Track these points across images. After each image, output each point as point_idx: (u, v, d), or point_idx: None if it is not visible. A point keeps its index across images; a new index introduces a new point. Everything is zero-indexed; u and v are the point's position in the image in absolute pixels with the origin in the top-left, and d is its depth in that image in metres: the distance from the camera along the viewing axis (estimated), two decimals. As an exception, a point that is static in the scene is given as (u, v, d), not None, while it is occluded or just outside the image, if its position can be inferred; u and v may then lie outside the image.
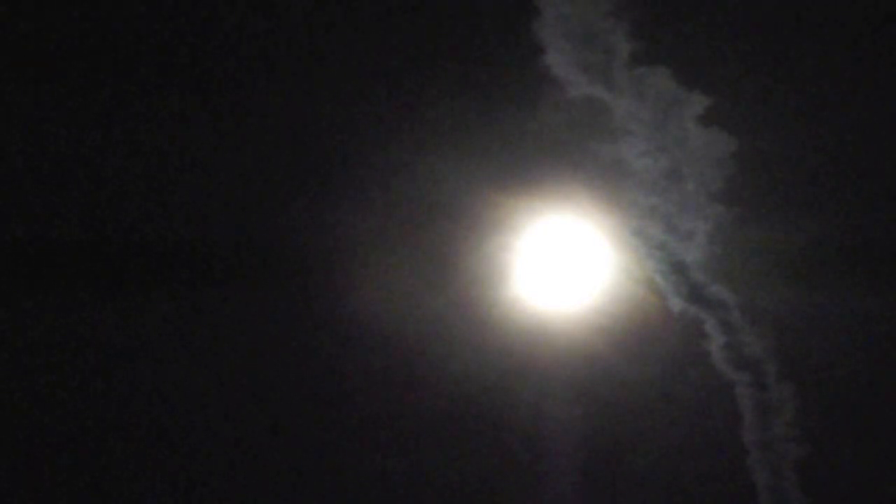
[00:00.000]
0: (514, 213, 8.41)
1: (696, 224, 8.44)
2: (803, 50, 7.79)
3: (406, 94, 8.04)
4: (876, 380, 9.18)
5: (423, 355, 8.97)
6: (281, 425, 9.40)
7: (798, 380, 9.11)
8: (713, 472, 9.52)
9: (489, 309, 8.82)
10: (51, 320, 8.88)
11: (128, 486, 9.44)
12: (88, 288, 8.71)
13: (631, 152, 8.15)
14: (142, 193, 8.42)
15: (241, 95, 8.10)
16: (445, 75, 7.97)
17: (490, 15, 7.75)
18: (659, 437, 9.46)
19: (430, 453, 9.44)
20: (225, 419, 9.39)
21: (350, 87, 8.07)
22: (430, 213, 8.47)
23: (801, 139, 8.16)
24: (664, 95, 7.86)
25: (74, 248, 8.59)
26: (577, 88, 7.86)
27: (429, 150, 8.17)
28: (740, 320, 8.87)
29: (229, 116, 8.16)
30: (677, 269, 8.67)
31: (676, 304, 8.84)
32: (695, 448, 9.45)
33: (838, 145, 8.21)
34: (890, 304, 8.76)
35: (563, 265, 8.80)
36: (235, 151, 8.33)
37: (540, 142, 8.19)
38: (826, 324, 8.88)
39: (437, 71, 7.96)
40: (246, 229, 8.60)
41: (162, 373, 9.18)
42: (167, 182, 8.39)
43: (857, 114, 8.08)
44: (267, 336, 9.12)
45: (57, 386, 9.16)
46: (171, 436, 9.38)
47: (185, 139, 8.23)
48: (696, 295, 8.76)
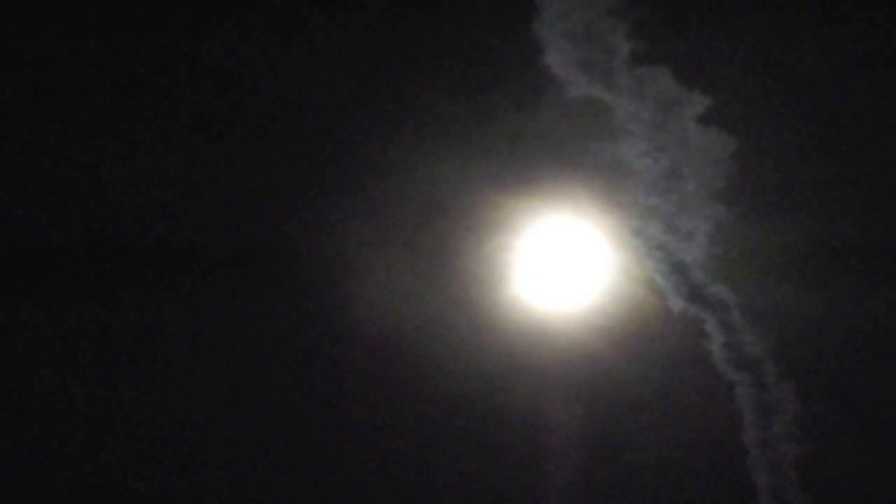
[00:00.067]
0: (514, 213, 8.41)
1: (696, 224, 8.43)
2: (803, 50, 7.78)
3: (406, 94, 8.03)
4: (876, 380, 9.18)
5: (423, 355, 8.97)
6: (281, 425, 9.40)
7: (798, 380, 9.11)
8: (713, 472, 9.52)
9: (489, 309, 8.82)
10: (51, 320, 8.89)
11: (128, 486, 9.44)
12: (88, 288, 8.71)
13: (631, 152, 8.15)
14: (141, 194, 8.42)
15: (241, 95, 8.10)
16: (445, 75, 7.96)
17: (490, 15, 7.75)
18: (659, 438, 9.46)
19: (429, 453, 9.44)
20: (225, 419, 9.39)
21: (350, 87, 8.07)
22: (430, 213, 8.47)
23: (801, 139, 8.16)
24: (664, 95, 7.86)
25: (74, 249, 8.59)
26: (577, 88, 7.85)
27: (429, 150, 8.17)
28: (740, 320, 8.86)
29: (229, 116, 8.16)
30: (677, 269, 8.66)
31: (676, 304, 8.84)
32: (695, 448, 9.45)
33: (838, 145, 8.21)
34: (890, 304, 8.76)
35: (563, 265, 8.80)
36: (235, 151, 8.33)
37: (540, 142, 8.18)
38: (826, 324, 8.88)
39: (437, 71, 7.95)
40: (246, 229, 8.60)
41: (162, 373, 9.19)
42: (167, 182, 8.39)
43: (857, 114, 8.08)
44: (267, 336, 9.12)
45: (57, 386, 9.16)
46: (171, 436, 9.39)
47: (185, 139, 8.23)
48: (696, 295, 8.76)
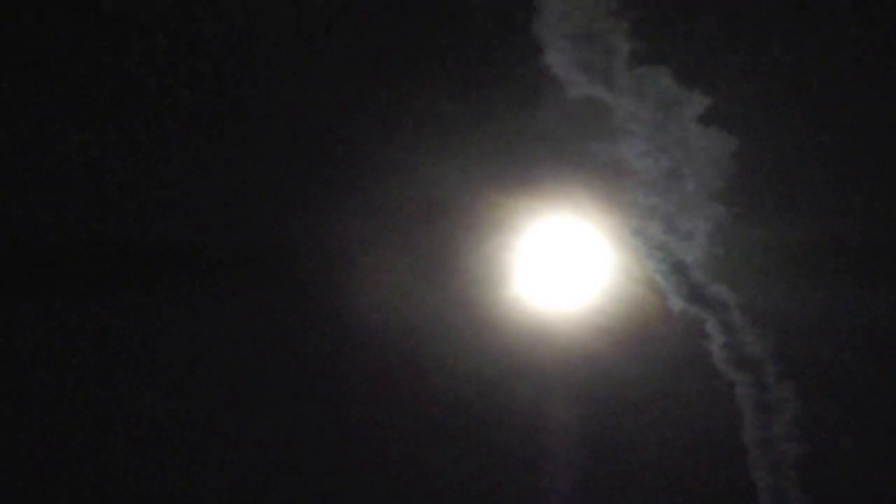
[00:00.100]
0: (514, 213, 8.40)
1: (696, 224, 8.42)
2: (803, 50, 7.77)
3: (406, 94, 8.03)
4: (876, 380, 9.17)
5: (423, 355, 8.97)
6: (280, 424, 9.40)
7: (798, 380, 9.11)
8: (713, 471, 9.51)
9: (489, 309, 8.82)
10: (51, 320, 8.88)
11: (128, 487, 9.44)
12: (87, 287, 8.71)
13: (631, 152, 8.14)
14: (140, 193, 8.42)
15: (241, 94, 8.09)
16: (445, 75, 7.95)
17: (490, 14, 7.74)
18: (659, 437, 9.46)
19: (429, 453, 9.44)
20: (225, 418, 9.39)
21: (350, 87, 8.06)
22: (429, 213, 8.46)
23: (801, 139, 8.15)
24: (664, 95, 7.85)
25: (73, 247, 8.58)
26: (577, 88, 7.84)
27: (429, 150, 8.16)
28: (741, 320, 8.86)
29: (228, 115, 8.16)
30: (677, 269, 8.66)
31: (676, 304, 8.84)
32: (695, 448, 9.45)
33: (838, 145, 8.20)
34: (890, 304, 8.75)
35: (563, 265, 8.79)
36: (234, 150, 8.33)
37: (540, 142, 8.18)
38: (826, 324, 8.87)
39: (437, 71, 7.94)
40: (245, 229, 8.60)
41: (162, 372, 9.18)
42: (166, 181, 8.38)
43: (857, 114, 8.07)
44: (267, 335, 9.12)
45: (57, 386, 9.16)
46: (172, 436, 9.39)
47: (185, 138, 8.23)
48: (696, 295, 8.76)
